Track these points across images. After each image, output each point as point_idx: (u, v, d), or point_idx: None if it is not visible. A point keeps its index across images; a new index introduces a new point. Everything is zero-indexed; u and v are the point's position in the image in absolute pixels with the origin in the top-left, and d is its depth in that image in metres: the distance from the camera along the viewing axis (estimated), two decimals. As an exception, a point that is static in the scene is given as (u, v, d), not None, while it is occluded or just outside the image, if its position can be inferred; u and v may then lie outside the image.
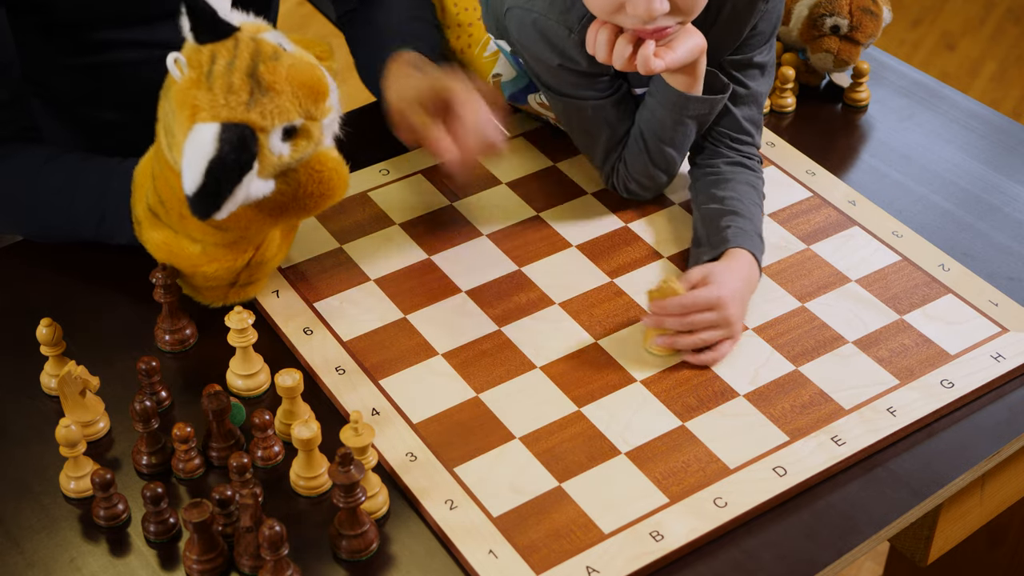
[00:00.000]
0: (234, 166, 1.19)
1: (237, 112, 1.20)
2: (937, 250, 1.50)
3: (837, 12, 1.70)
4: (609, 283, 1.45)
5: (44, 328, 1.29)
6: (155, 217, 1.34)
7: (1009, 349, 1.37)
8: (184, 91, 1.21)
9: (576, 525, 1.20)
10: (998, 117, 1.74)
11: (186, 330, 1.38)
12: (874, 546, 1.23)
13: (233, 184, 1.19)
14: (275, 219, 1.29)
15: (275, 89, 1.21)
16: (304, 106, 1.23)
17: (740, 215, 1.43)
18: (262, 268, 1.38)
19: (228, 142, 1.18)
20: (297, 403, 1.27)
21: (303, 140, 1.24)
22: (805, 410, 1.31)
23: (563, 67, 1.45)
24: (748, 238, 1.41)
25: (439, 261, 1.48)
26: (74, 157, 1.43)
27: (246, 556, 1.16)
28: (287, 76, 1.22)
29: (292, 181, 1.26)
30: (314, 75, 1.24)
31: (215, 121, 1.19)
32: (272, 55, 1.22)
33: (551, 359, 1.36)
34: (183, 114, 1.21)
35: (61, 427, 1.20)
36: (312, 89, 1.23)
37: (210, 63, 1.21)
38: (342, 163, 1.30)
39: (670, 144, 1.47)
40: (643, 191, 1.54)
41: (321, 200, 1.29)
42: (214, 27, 1.22)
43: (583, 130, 1.51)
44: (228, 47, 1.22)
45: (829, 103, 1.76)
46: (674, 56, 1.35)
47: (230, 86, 1.20)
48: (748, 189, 1.48)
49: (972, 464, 1.28)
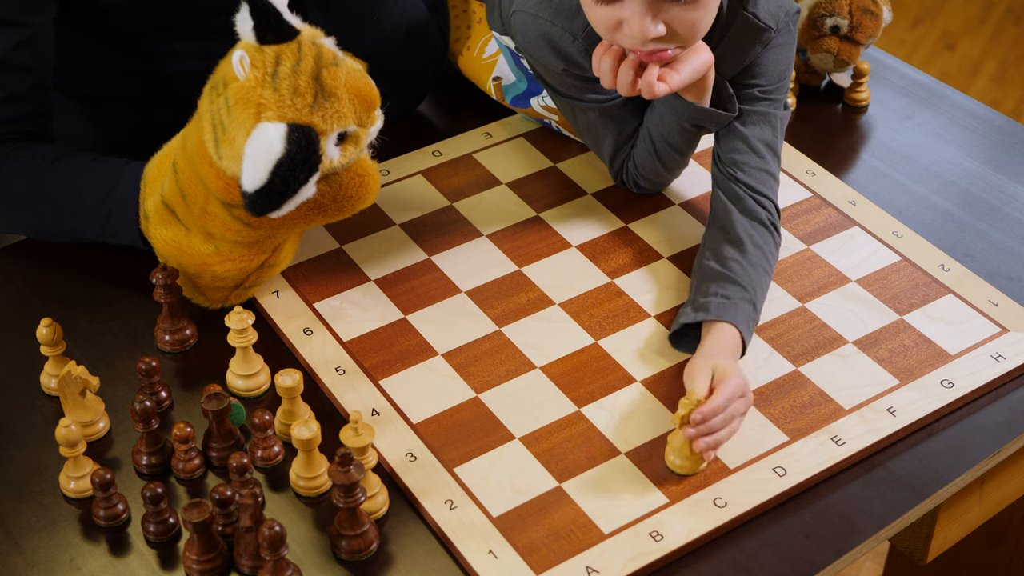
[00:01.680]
0: (302, 166, 1.21)
1: (302, 114, 1.22)
2: (937, 250, 1.50)
3: (837, 12, 1.70)
4: (609, 283, 1.45)
5: (44, 328, 1.29)
6: (169, 212, 1.34)
7: (1009, 349, 1.37)
8: (248, 89, 1.23)
9: (576, 525, 1.20)
10: (998, 117, 1.74)
11: (186, 330, 1.38)
12: (874, 546, 1.23)
13: (299, 184, 1.21)
14: (309, 220, 1.31)
15: (336, 95, 1.24)
16: (358, 113, 1.26)
17: (737, 284, 1.35)
18: (272, 271, 1.39)
19: (296, 142, 1.20)
20: (297, 403, 1.27)
21: (351, 146, 1.27)
22: (805, 410, 1.31)
23: (568, 72, 1.45)
24: (736, 310, 1.33)
25: (439, 261, 1.48)
26: (83, 156, 1.44)
27: (246, 556, 1.16)
28: (346, 83, 1.25)
29: (334, 183, 1.29)
30: (367, 84, 1.27)
31: (281, 121, 1.21)
32: (333, 61, 1.25)
33: (551, 359, 1.36)
34: (245, 112, 1.22)
35: (61, 427, 1.20)
36: (366, 97, 1.27)
37: (275, 64, 1.23)
38: (377, 169, 1.33)
39: (678, 149, 1.48)
40: (653, 187, 1.55)
41: (357, 203, 1.32)
42: (278, 28, 1.24)
43: (590, 130, 1.51)
44: (292, 50, 1.24)
45: (829, 103, 1.76)
46: (679, 78, 1.34)
47: (296, 88, 1.22)
48: (759, 255, 1.39)
49: (972, 464, 1.28)
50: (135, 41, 1.52)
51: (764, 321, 1.40)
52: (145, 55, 1.53)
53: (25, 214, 1.46)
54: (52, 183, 1.42)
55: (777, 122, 1.46)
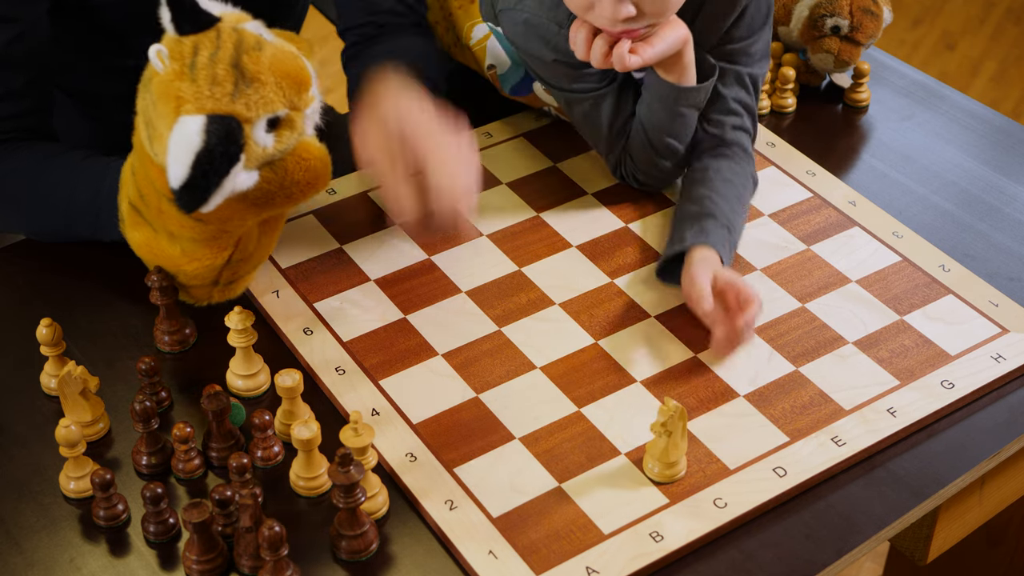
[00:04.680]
0: (222, 158, 1.18)
1: (222, 103, 1.19)
2: (937, 251, 1.50)
3: (837, 12, 1.70)
4: (609, 283, 1.45)
5: (44, 328, 1.29)
6: (136, 214, 1.33)
7: (1009, 350, 1.37)
8: (167, 83, 1.20)
9: (576, 525, 1.20)
10: (998, 117, 1.74)
11: (185, 329, 1.38)
12: (874, 546, 1.23)
13: (221, 176, 1.18)
14: (260, 209, 1.28)
15: (259, 80, 1.20)
16: (288, 96, 1.22)
17: (713, 216, 1.43)
18: (244, 265, 1.37)
19: (215, 134, 1.17)
20: (297, 403, 1.27)
21: (287, 130, 1.24)
22: (805, 411, 1.31)
23: (558, 62, 1.46)
24: (712, 236, 1.41)
25: (439, 261, 1.47)
26: (76, 155, 1.44)
27: (246, 556, 1.16)
28: (270, 66, 1.21)
29: (279, 170, 1.26)
30: (296, 65, 1.23)
31: (200, 113, 1.19)
32: (255, 45, 1.21)
33: (551, 359, 1.36)
34: (167, 106, 1.20)
35: (61, 427, 1.19)
36: (295, 79, 1.23)
37: (192, 54, 1.20)
38: (326, 152, 1.29)
39: (671, 135, 1.48)
40: (653, 181, 1.54)
41: (307, 188, 1.28)
42: (195, 18, 1.21)
43: (586, 121, 1.52)
44: (210, 38, 1.21)
45: (829, 103, 1.76)
46: (652, 51, 1.37)
47: (214, 77, 1.19)
48: (727, 186, 1.47)
49: (972, 464, 1.28)
50: (126, 38, 1.51)
51: (764, 321, 1.40)
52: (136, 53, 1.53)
53: (22, 213, 1.46)
54: (46, 182, 1.42)
55: (756, 81, 1.52)
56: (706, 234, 1.40)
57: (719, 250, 1.39)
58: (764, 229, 1.52)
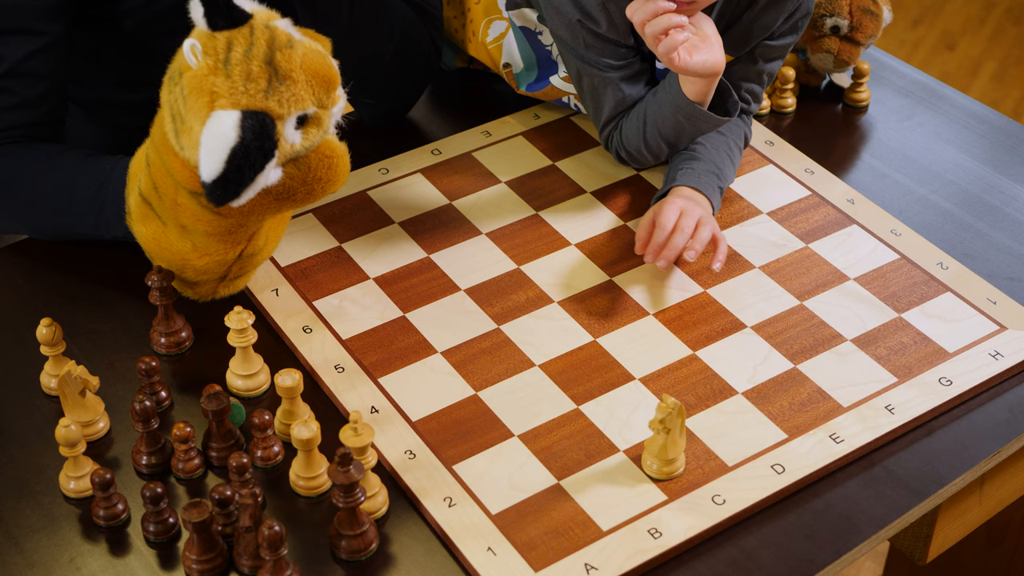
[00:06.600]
0: (257, 153, 1.19)
1: (256, 100, 1.20)
2: (936, 248, 1.50)
3: (837, 12, 1.70)
4: (608, 281, 1.45)
5: (44, 328, 1.29)
6: (147, 206, 1.34)
7: (1007, 347, 1.37)
8: (200, 78, 1.21)
9: (575, 523, 1.20)
10: (998, 117, 1.74)
11: (182, 332, 1.38)
12: (874, 546, 1.23)
13: (256, 172, 1.20)
14: (281, 204, 1.29)
15: (291, 78, 1.22)
16: (317, 95, 1.24)
17: (698, 159, 1.50)
18: (252, 261, 1.38)
19: (250, 129, 1.19)
20: (297, 403, 1.27)
21: (313, 128, 1.25)
22: (803, 408, 1.31)
23: (582, 24, 1.47)
24: (695, 177, 1.48)
25: (438, 260, 1.48)
26: (79, 153, 1.44)
27: (246, 556, 1.16)
28: (302, 64, 1.23)
29: (303, 166, 1.27)
30: (325, 63, 1.25)
31: (235, 108, 1.20)
32: (287, 43, 1.23)
33: (550, 357, 1.36)
34: (199, 101, 1.21)
35: (61, 427, 1.20)
36: (324, 78, 1.24)
37: (226, 50, 1.21)
38: (346, 150, 1.31)
39: (663, 135, 1.51)
40: (634, 163, 1.59)
41: (327, 186, 1.29)
42: (229, 14, 1.22)
43: (592, 94, 1.54)
44: (244, 34, 1.22)
45: (829, 103, 1.76)
46: (689, 61, 1.41)
47: (249, 73, 1.20)
48: (719, 137, 1.53)
49: (972, 464, 1.28)
50: (144, 45, 1.52)
51: (762, 319, 1.40)
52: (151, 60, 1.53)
53: (23, 211, 1.46)
54: (48, 179, 1.42)
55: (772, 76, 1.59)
56: (697, 176, 1.48)
57: (706, 191, 1.47)
58: (762, 227, 1.52)
